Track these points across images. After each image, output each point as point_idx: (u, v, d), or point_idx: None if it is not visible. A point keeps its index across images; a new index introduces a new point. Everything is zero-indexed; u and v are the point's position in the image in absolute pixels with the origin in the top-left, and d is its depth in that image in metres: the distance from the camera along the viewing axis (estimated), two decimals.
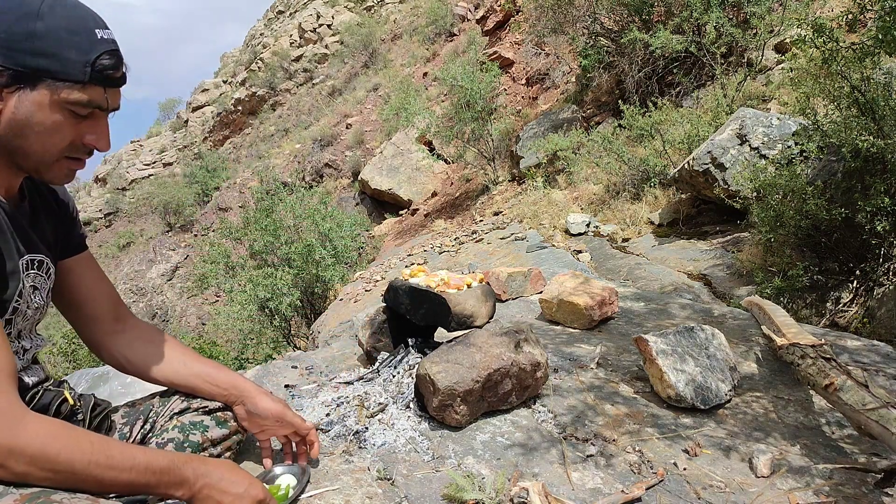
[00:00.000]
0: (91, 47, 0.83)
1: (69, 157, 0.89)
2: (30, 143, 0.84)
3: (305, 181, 16.31)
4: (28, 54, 0.79)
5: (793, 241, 3.31)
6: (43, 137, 0.84)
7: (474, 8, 17.72)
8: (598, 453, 1.28)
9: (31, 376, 0.96)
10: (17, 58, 0.79)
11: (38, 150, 0.85)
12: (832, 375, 1.30)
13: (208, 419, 1.13)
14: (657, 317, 2.23)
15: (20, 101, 0.81)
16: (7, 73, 0.79)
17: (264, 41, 27.90)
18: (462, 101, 9.36)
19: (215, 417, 1.14)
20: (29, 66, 0.80)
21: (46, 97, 0.82)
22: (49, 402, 0.95)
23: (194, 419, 1.12)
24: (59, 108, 0.83)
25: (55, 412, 0.95)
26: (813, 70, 3.24)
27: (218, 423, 1.13)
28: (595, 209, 6.52)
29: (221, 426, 1.14)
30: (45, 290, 0.99)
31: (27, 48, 0.79)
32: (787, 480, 1.17)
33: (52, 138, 0.85)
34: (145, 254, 20.95)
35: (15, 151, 0.85)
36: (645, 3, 7.60)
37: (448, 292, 1.56)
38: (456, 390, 1.33)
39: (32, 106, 0.82)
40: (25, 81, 0.80)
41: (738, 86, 6.30)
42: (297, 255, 8.85)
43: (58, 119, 0.84)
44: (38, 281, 0.96)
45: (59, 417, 0.93)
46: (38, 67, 0.80)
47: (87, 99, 0.84)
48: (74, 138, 0.87)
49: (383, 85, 17.83)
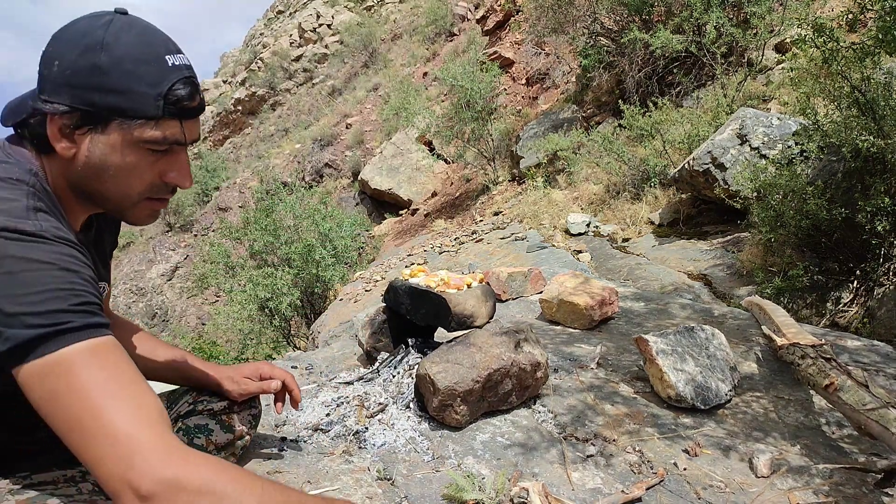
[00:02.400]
0: (162, 77, 0.74)
1: (151, 198, 0.82)
2: (107, 186, 0.78)
3: (305, 181, 16.31)
4: (95, 91, 0.72)
5: (793, 241, 3.31)
6: (120, 180, 0.77)
7: (474, 8, 17.72)
8: (598, 453, 1.27)
9: None
10: (84, 96, 0.72)
11: (116, 193, 0.79)
12: (832, 375, 1.30)
13: (213, 423, 1.13)
14: (657, 317, 2.23)
15: (93, 143, 0.74)
16: (76, 114, 0.72)
17: (264, 41, 27.90)
18: (462, 101, 9.35)
19: (220, 421, 1.14)
20: (97, 105, 0.72)
21: (119, 138, 0.74)
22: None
23: (199, 422, 1.12)
24: (135, 148, 0.76)
25: None
26: (813, 70, 3.24)
27: (223, 428, 1.14)
28: (595, 209, 6.52)
29: (226, 431, 1.14)
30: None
31: (94, 84, 0.71)
32: (786, 480, 1.17)
33: (131, 180, 0.78)
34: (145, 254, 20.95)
35: (93, 195, 0.79)
36: (645, 3, 7.60)
37: (448, 292, 1.56)
38: (456, 390, 1.33)
39: (106, 148, 0.75)
40: (96, 121, 0.73)
41: (739, 86, 6.30)
42: (297, 255, 8.85)
43: (134, 160, 0.77)
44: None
45: None
46: (108, 105, 0.72)
47: (162, 136, 0.76)
48: (154, 177, 0.80)
49: (383, 85, 17.83)
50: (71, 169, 0.77)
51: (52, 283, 0.65)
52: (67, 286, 0.66)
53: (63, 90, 0.72)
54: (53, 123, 0.73)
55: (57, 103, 0.72)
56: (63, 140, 0.74)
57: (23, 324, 0.63)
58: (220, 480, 0.65)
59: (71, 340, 0.65)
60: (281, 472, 1.18)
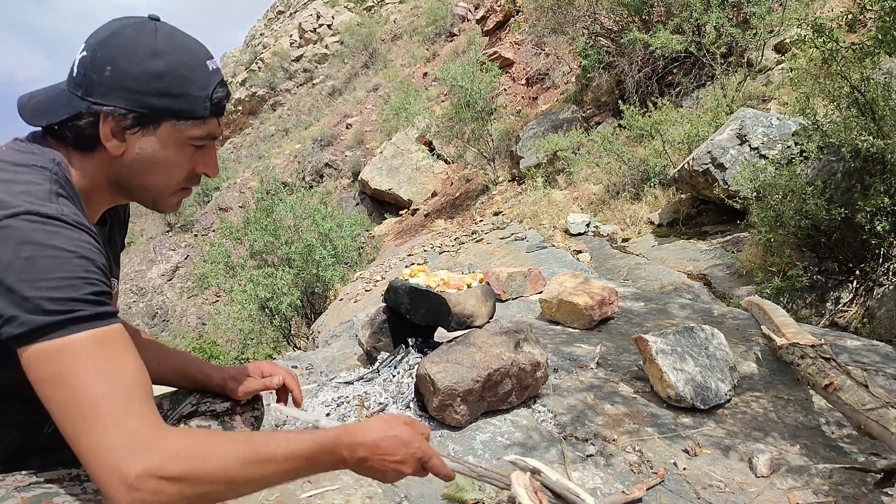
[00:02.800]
0: (208, 81, 0.82)
1: (184, 189, 0.89)
2: (152, 179, 0.84)
3: (305, 181, 16.31)
4: (153, 95, 0.78)
5: (793, 241, 3.31)
6: (165, 173, 0.84)
7: (474, 8, 17.72)
8: (597, 453, 1.28)
9: None
10: (141, 100, 0.78)
11: (160, 185, 0.85)
12: (832, 375, 1.30)
13: (216, 424, 1.13)
14: (657, 317, 2.23)
15: (143, 141, 0.81)
16: (131, 116, 0.78)
17: (264, 41, 27.91)
18: (462, 101, 9.35)
19: (223, 422, 1.14)
20: (153, 107, 0.79)
21: (171, 136, 0.81)
22: None
23: (202, 423, 1.12)
24: (183, 145, 0.83)
25: None
26: (813, 70, 3.24)
27: (226, 429, 1.14)
28: (595, 209, 6.52)
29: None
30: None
31: (152, 90, 0.78)
32: (786, 480, 1.17)
33: (173, 173, 0.85)
34: (145, 254, 20.95)
35: (133, 187, 0.85)
36: (645, 3, 7.60)
37: (448, 292, 1.56)
38: (456, 390, 1.33)
39: (157, 145, 0.81)
40: (148, 122, 0.79)
41: (738, 86, 6.30)
42: (298, 254, 8.86)
43: (179, 155, 0.84)
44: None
45: None
46: (164, 107, 0.79)
47: (207, 133, 0.84)
48: (190, 170, 0.87)
49: (383, 85, 17.83)
50: (114, 166, 0.82)
51: (68, 271, 0.69)
52: (83, 274, 0.70)
53: (119, 94, 0.77)
54: (107, 123, 0.78)
55: (113, 106, 0.77)
56: (114, 139, 0.79)
57: (38, 308, 0.66)
58: (199, 460, 0.67)
59: (80, 329, 0.68)
60: None
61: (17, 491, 0.81)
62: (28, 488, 0.82)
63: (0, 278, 0.66)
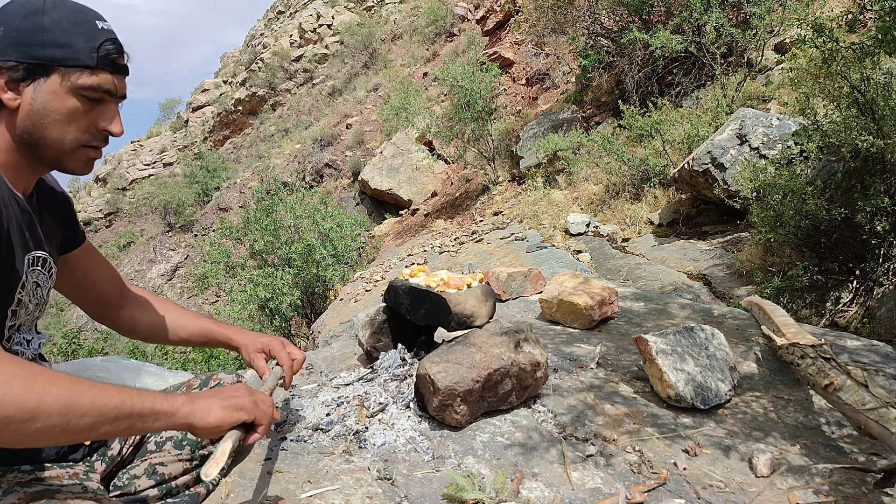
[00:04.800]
0: (94, 35, 0.88)
1: (87, 146, 0.92)
2: (49, 132, 0.88)
3: (305, 181, 16.31)
4: (39, 46, 0.84)
5: (793, 241, 3.31)
6: (60, 125, 0.88)
7: (474, 8, 17.72)
8: (597, 453, 1.28)
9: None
10: (29, 51, 0.84)
11: (56, 137, 0.89)
12: (832, 375, 1.30)
13: None
14: (657, 317, 2.23)
15: (36, 91, 0.86)
16: (22, 67, 0.84)
17: (264, 41, 27.90)
18: (462, 101, 9.35)
19: None
20: (41, 58, 0.85)
21: (59, 84, 0.86)
22: None
23: None
24: (73, 94, 0.87)
25: None
26: (813, 70, 3.24)
27: None
28: (595, 209, 6.53)
29: None
30: (47, 287, 1.00)
31: (37, 41, 0.84)
32: (786, 480, 1.17)
33: (69, 125, 0.89)
34: (146, 254, 20.95)
35: (35, 143, 0.89)
36: (645, 4, 7.60)
37: (448, 292, 1.56)
38: (456, 390, 1.33)
39: (47, 95, 0.86)
40: (39, 73, 0.85)
41: (738, 86, 6.30)
42: (298, 254, 8.86)
43: (72, 105, 0.88)
44: (41, 278, 0.97)
45: None
46: (50, 57, 0.85)
47: (97, 83, 0.88)
48: (88, 125, 0.91)
49: (383, 85, 17.83)
50: (16, 120, 0.87)
51: None
52: None
53: (9, 49, 0.84)
54: (0, 77, 0.85)
55: (4, 60, 0.84)
56: (9, 91, 0.85)
57: None
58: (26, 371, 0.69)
59: None
60: (281, 472, 1.18)
61: (20, 486, 0.82)
62: (29, 484, 0.84)
63: None
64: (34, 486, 0.84)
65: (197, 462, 1.11)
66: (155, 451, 1.08)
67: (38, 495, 0.82)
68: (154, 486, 1.05)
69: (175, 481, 1.07)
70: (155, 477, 1.05)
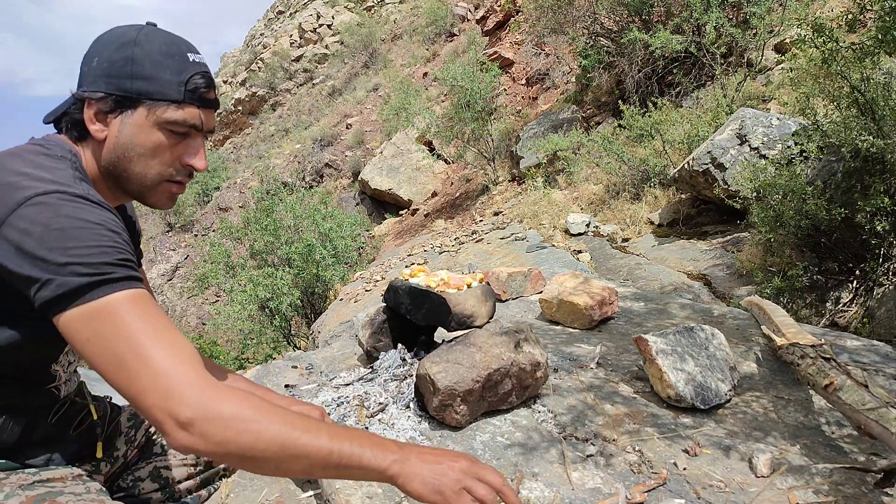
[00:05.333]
0: (184, 68, 0.86)
1: (170, 181, 0.91)
2: (133, 165, 0.88)
3: (305, 181, 16.31)
4: (127, 79, 0.84)
5: (792, 241, 3.31)
6: (144, 159, 0.87)
7: (474, 8, 17.71)
8: (597, 453, 1.28)
9: (68, 388, 0.97)
10: (118, 83, 0.84)
11: (140, 171, 0.88)
12: (832, 375, 1.30)
13: None
14: (657, 317, 2.23)
15: (122, 124, 0.85)
16: (110, 99, 0.84)
17: (264, 41, 27.90)
18: (462, 101, 9.35)
19: None
20: (128, 90, 0.84)
21: (145, 117, 0.85)
22: (73, 415, 0.96)
23: None
24: (158, 128, 0.86)
25: (77, 424, 0.96)
26: (813, 70, 3.24)
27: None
28: (595, 209, 6.52)
29: None
30: None
31: (126, 73, 0.84)
32: (786, 480, 1.17)
33: (153, 159, 0.88)
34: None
35: (119, 175, 0.89)
36: (645, 4, 7.60)
37: (448, 292, 1.56)
38: (456, 390, 1.33)
39: (134, 128, 0.86)
40: (126, 106, 0.85)
41: (738, 86, 6.30)
42: (298, 254, 8.86)
43: (157, 139, 0.87)
44: None
45: (80, 430, 0.95)
46: (138, 90, 0.84)
47: (183, 118, 0.86)
48: (173, 160, 0.89)
49: (383, 85, 17.83)
50: (102, 152, 0.88)
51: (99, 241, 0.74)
52: (112, 244, 0.75)
53: (100, 80, 0.84)
54: (90, 108, 0.85)
55: (94, 91, 0.84)
56: (97, 123, 0.86)
57: (72, 272, 0.71)
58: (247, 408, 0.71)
59: (115, 289, 0.73)
60: None
61: (22, 489, 0.82)
62: (32, 487, 0.83)
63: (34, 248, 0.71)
64: (36, 489, 0.84)
65: (201, 468, 1.10)
66: (160, 455, 1.08)
67: (41, 498, 0.82)
68: (158, 489, 1.05)
69: (179, 486, 1.07)
70: (159, 480, 1.05)
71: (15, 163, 0.78)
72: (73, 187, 0.77)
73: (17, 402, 0.87)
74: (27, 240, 0.71)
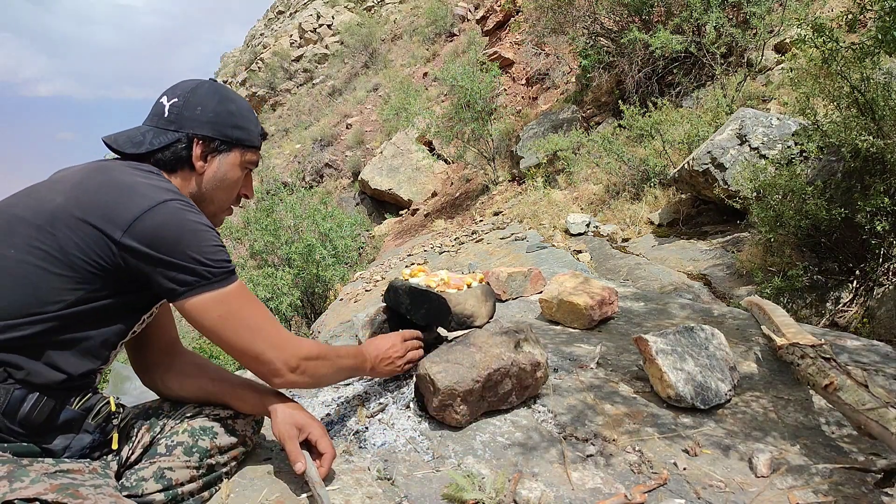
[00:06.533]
0: (257, 122, 1.17)
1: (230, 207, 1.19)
2: (218, 194, 1.13)
3: (305, 181, 16.31)
4: (230, 128, 1.11)
5: (793, 241, 3.31)
6: (227, 190, 1.14)
7: (474, 8, 17.70)
8: (597, 453, 1.28)
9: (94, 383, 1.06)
10: (224, 131, 1.10)
11: (223, 198, 1.15)
12: (832, 375, 1.30)
13: (218, 426, 1.14)
14: (657, 317, 2.23)
15: (220, 163, 1.11)
16: (216, 142, 1.10)
17: (264, 41, 27.89)
18: (462, 101, 9.35)
19: (225, 424, 1.15)
20: (230, 137, 1.11)
21: (238, 159, 1.13)
22: (94, 405, 1.02)
23: (205, 424, 1.12)
24: (241, 167, 1.14)
25: (96, 414, 1.02)
26: (813, 70, 3.24)
27: (227, 431, 1.14)
28: (595, 209, 6.52)
29: (230, 434, 1.15)
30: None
31: (230, 123, 1.10)
32: (786, 480, 1.17)
33: (232, 190, 1.15)
34: None
35: (204, 201, 1.11)
36: (645, 4, 7.60)
37: (448, 292, 1.56)
38: (456, 390, 1.33)
39: (228, 166, 1.12)
40: (226, 148, 1.11)
41: (738, 86, 6.30)
42: (298, 254, 8.86)
43: (237, 175, 1.14)
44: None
45: (97, 419, 1.03)
46: (236, 137, 1.12)
47: (255, 159, 1.17)
48: (238, 191, 1.17)
49: (383, 85, 17.82)
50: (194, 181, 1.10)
51: (216, 241, 0.98)
52: (221, 244, 1.00)
53: (207, 126, 1.08)
54: (199, 147, 1.08)
55: (204, 134, 1.08)
56: (201, 160, 1.09)
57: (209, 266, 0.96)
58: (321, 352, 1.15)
59: (233, 280, 1.01)
60: (281, 471, 1.18)
61: (47, 477, 0.86)
62: (55, 476, 0.88)
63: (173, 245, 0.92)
64: (59, 479, 0.88)
65: (204, 471, 1.10)
66: (165, 455, 1.08)
67: (64, 487, 0.86)
68: (160, 490, 1.05)
69: (181, 488, 1.08)
70: (162, 481, 1.06)
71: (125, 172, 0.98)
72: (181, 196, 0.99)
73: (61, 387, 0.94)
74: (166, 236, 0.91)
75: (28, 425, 0.90)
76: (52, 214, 0.91)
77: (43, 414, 0.91)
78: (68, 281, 0.90)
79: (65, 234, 0.89)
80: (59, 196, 0.93)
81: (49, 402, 0.92)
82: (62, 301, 0.90)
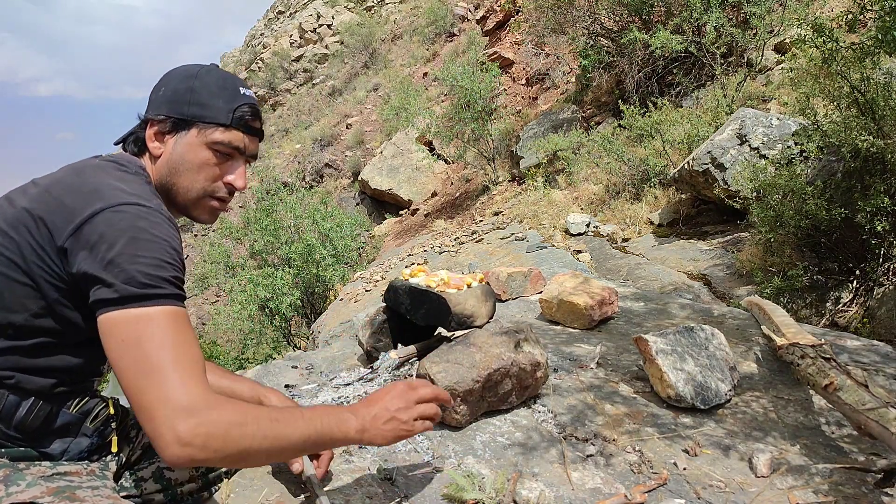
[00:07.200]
0: (234, 98, 0.99)
1: (212, 197, 1.01)
2: (181, 179, 0.99)
3: (305, 181, 16.32)
4: (186, 104, 0.97)
5: (793, 241, 3.32)
6: (191, 173, 0.99)
7: (474, 8, 17.70)
8: (597, 453, 1.28)
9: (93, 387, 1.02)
10: (177, 108, 0.97)
11: (186, 185, 0.99)
12: (832, 375, 1.30)
13: None
14: (657, 317, 2.23)
15: (176, 142, 0.98)
16: (169, 121, 0.97)
17: (264, 41, 27.90)
18: (462, 101, 9.35)
19: None
20: (185, 114, 0.97)
21: (196, 137, 0.98)
22: (92, 409, 0.99)
23: None
24: (206, 148, 0.98)
25: (94, 417, 0.99)
26: (813, 70, 3.24)
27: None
28: (595, 209, 6.52)
29: None
30: None
31: (185, 100, 0.97)
32: (786, 480, 1.17)
33: (199, 175, 0.99)
34: None
35: (169, 189, 0.99)
36: (645, 3, 7.60)
37: (448, 292, 1.56)
38: (456, 390, 1.33)
39: (185, 146, 0.98)
40: (181, 128, 0.97)
41: (738, 86, 6.30)
42: (298, 254, 8.86)
43: (204, 156, 0.98)
44: None
45: (95, 423, 0.99)
46: (192, 114, 0.97)
47: (228, 139, 0.98)
48: (216, 177, 1.00)
49: (383, 85, 17.82)
50: (157, 167, 0.99)
51: (162, 255, 0.83)
52: (171, 260, 0.84)
53: (163, 106, 0.97)
54: (151, 128, 0.98)
55: (157, 114, 0.97)
56: (156, 141, 0.98)
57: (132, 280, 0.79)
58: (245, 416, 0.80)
59: (159, 303, 0.81)
60: (281, 472, 1.18)
61: (43, 480, 0.85)
62: (52, 479, 0.88)
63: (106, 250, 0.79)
64: (56, 482, 0.87)
65: (203, 470, 1.10)
66: None
67: (61, 490, 0.85)
68: (160, 490, 1.05)
69: (181, 488, 1.08)
70: (161, 481, 1.06)
71: (99, 174, 0.89)
72: (150, 201, 0.87)
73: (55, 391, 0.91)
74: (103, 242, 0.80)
75: (24, 430, 0.89)
76: (15, 218, 0.86)
77: (39, 419, 0.89)
78: (30, 290, 0.85)
79: (25, 239, 0.84)
80: (27, 200, 0.87)
81: (45, 407, 0.90)
82: (27, 311, 0.85)
